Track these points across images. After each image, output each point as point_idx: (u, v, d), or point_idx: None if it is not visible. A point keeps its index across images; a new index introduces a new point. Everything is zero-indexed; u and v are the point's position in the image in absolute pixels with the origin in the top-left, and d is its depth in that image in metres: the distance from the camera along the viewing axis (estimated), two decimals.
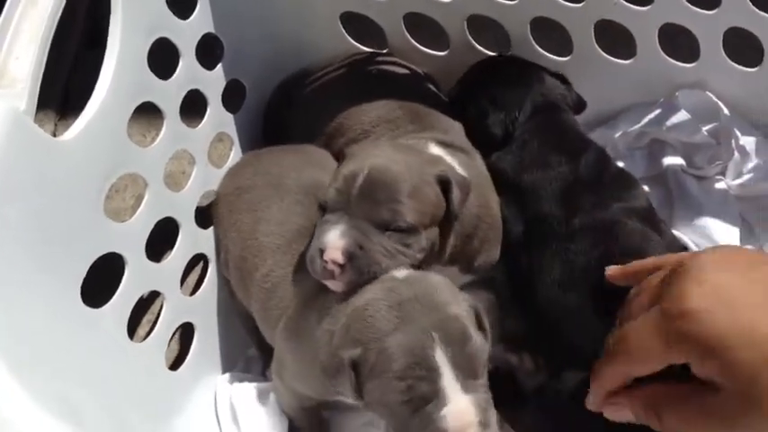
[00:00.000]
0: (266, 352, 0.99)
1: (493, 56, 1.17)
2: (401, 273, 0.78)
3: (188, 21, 1.00)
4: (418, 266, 0.82)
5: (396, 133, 1.01)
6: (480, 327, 0.75)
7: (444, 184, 0.83)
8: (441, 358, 0.69)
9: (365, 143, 0.99)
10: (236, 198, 1.01)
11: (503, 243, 0.99)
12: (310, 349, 0.80)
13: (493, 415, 0.70)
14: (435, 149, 0.93)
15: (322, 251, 0.77)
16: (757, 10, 1.03)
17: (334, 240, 0.77)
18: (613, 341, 0.67)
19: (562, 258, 0.91)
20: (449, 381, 0.68)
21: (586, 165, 0.98)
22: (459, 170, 0.91)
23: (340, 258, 0.76)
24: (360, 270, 0.77)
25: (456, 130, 1.05)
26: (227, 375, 1.04)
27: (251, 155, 1.10)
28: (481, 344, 0.72)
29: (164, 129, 0.95)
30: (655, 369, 0.63)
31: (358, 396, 0.73)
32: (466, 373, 0.69)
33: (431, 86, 1.17)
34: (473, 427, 0.68)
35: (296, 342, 0.86)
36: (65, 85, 1.43)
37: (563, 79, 1.10)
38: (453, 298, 0.75)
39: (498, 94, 1.05)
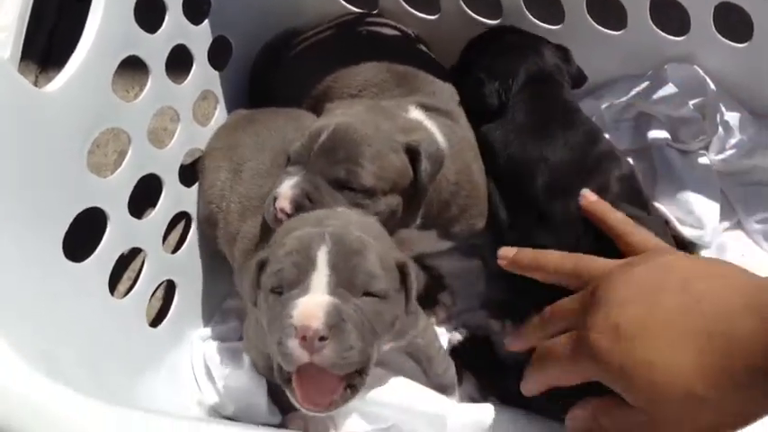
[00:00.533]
0: None
1: (494, 27, 1.14)
2: (342, 208, 0.79)
3: None
4: None
5: (382, 97, 1.00)
6: (402, 278, 0.74)
7: (413, 154, 0.83)
8: (322, 255, 0.69)
9: (345, 101, 0.98)
10: (222, 155, 1.00)
11: (489, 215, 0.97)
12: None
13: (352, 332, 0.67)
14: (415, 113, 0.92)
15: (275, 199, 0.80)
16: None
17: (285, 190, 0.80)
18: (537, 356, 0.73)
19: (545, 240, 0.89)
20: (319, 276, 0.68)
21: (571, 144, 0.94)
22: (438, 136, 0.90)
23: (287, 207, 0.79)
24: None
25: (444, 92, 1.03)
26: (201, 332, 1.03)
27: (244, 114, 1.09)
28: (374, 271, 0.70)
29: (149, 84, 0.94)
30: (574, 382, 0.69)
31: (253, 299, 0.75)
32: (342, 282, 0.68)
33: (422, 47, 1.15)
34: (316, 322, 0.65)
35: None
36: (48, 35, 1.40)
37: (564, 52, 1.08)
38: (374, 234, 0.74)
39: (493, 62, 1.03)
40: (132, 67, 0.92)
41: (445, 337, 1.02)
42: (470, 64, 1.06)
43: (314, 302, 0.67)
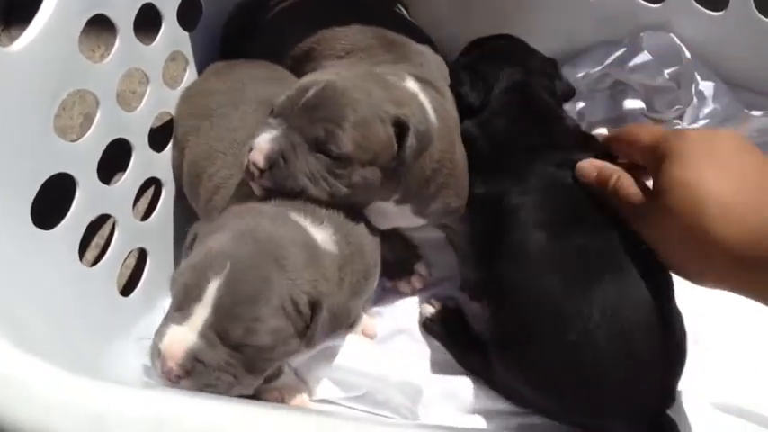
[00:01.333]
0: None
1: (497, 34, 1.09)
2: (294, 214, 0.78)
3: None
4: (347, 202, 0.81)
5: (369, 62, 0.96)
6: (307, 321, 0.73)
7: (401, 128, 0.80)
8: (211, 290, 0.68)
9: (343, 62, 0.95)
10: (197, 101, 0.99)
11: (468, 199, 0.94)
12: None
13: (211, 375, 0.68)
14: (410, 83, 0.88)
15: (251, 150, 0.78)
16: None
17: (262, 144, 0.77)
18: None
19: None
20: (199, 312, 0.68)
21: (568, 131, 0.93)
22: (430, 112, 0.86)
23: (261, 162, 0.77)
24: (275, 180, 0.77)
25: (429, 62, 1.00)
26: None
27: (224, 63, 1.07)
28: (256, 327, 0.68)
29: (117, 44, 0.90)
30: (632, 155, 0.84)
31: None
32: (218, 327, 0.68)
33: (402, 10, 1.13)
34: (172, 362, 0.67)
35: None
36: None
37: (553, 66, 1.04)
38: (296, 266, 0.71)
39: (480, 64, 1.00)
40: (98, 27, 0.88)
41: (416, 309, 1.02)
42: (460, 63, 1.04)
43: (177, 341, 0.67)
